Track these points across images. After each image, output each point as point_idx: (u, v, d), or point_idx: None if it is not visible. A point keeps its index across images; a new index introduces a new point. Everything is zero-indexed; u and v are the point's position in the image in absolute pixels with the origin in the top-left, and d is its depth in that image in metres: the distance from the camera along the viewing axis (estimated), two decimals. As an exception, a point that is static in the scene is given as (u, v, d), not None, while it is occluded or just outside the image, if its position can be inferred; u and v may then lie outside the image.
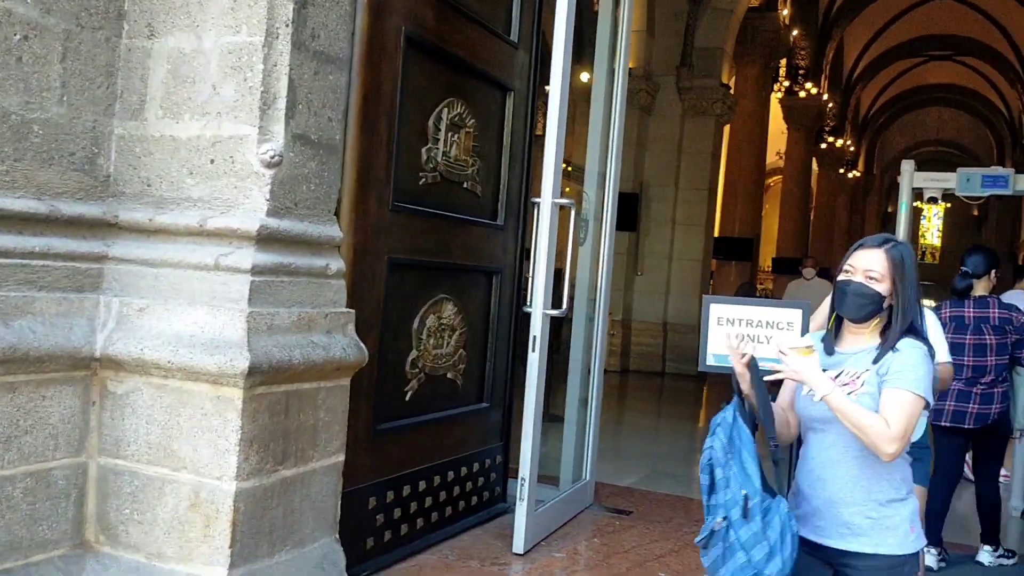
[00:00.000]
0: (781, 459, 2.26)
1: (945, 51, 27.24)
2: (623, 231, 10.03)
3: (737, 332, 3.20)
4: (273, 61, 2.97)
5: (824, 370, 2.24)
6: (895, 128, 33.76)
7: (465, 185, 4.10)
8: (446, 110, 3.88)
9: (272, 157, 2.95)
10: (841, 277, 2.29)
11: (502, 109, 4.38)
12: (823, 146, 24.66)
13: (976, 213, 38.17)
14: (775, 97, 19.58)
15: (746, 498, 2.16)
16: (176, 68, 3.02)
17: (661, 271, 12.24)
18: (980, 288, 4.48)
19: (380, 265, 3.56)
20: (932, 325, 3.40)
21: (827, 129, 24.85)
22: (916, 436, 2.45)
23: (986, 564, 4.47)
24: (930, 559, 4.33)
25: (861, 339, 2.30)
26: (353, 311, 3.31)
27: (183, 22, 3.01)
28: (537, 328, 3.90)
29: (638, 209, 11.64)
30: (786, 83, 19.94)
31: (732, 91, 13.36)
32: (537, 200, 3.95)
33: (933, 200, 5.71)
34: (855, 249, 2.33)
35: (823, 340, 2.38)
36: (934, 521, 4.30)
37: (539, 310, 3.90)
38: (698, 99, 12.02)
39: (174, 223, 2.97)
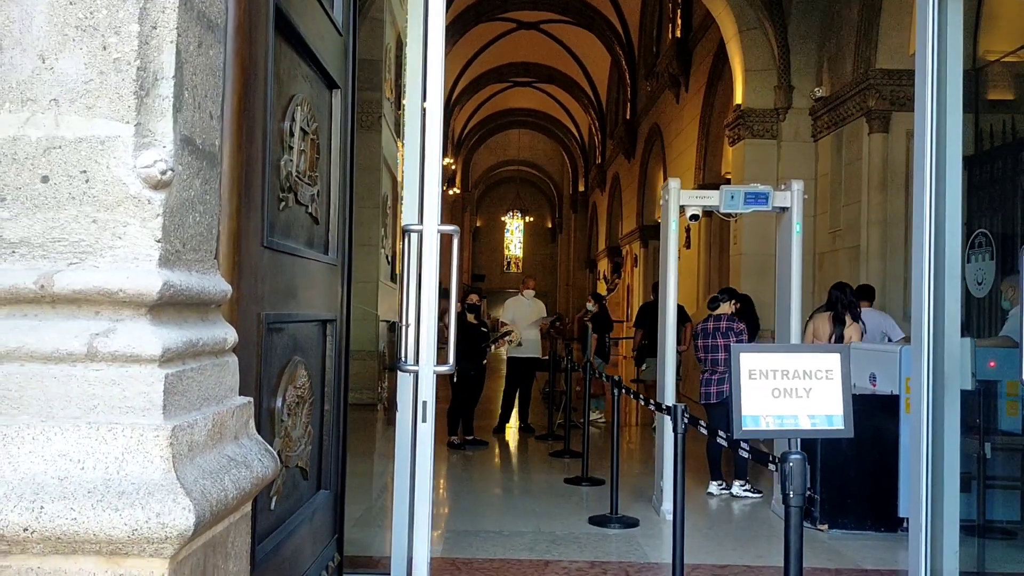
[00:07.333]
0: None
1: (528, 78, 29.60)
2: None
3: (773, 386, 2.74)
4: (153, 19, 1.85)
5: None
6: (484, 148, 35.93)
7: (309, 209, 3.11)
8: (299, 109, 2.88)
9: (163, 172, 1.84)
10: None
11: (330, 111, 3.43)
12: (432, 164, 25.31)
13: (550, 225, 42.21)
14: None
15: None
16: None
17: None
18: (724, 309, 6.68)
19: (257, 326, 2.49)
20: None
21: (433, 148, 25.54)
22: None
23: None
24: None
25: None
26: (251, 400, 2.25)
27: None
28: (428, 391, 3.07)
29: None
30: (403, 101, 20.01)
31: (395, 105, 12.98)
32: (415, 227, 3.10)
33: (695, 217, 5.75)
34: None
35: None
36: (716, 465, 6.59)
37: (429, 367, 3.07)
38: (364, 113, 11.31)
39: (-11, 284, 1.73)
